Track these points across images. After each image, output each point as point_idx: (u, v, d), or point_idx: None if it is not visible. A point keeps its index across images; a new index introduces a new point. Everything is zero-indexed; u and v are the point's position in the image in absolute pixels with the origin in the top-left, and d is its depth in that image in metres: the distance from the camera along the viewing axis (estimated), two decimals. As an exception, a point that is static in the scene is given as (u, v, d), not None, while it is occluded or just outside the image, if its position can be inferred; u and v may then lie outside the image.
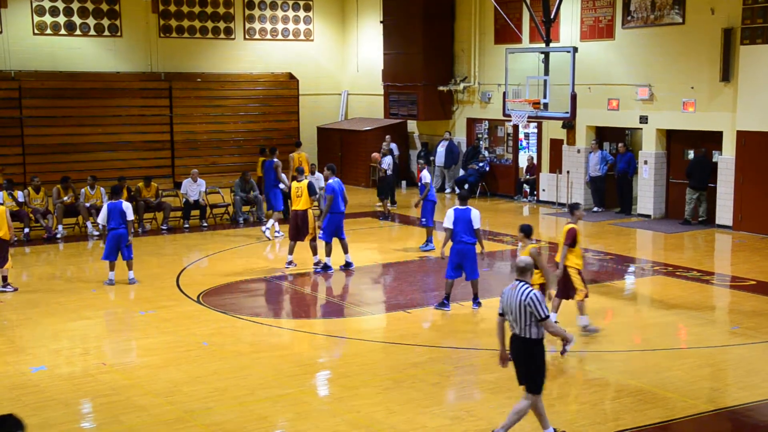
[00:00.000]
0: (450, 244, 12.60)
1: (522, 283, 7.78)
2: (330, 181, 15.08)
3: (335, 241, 15.11)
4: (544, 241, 18.24)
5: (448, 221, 12.50)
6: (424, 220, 16.88)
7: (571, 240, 11.07)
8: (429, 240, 16.85)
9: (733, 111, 18.52)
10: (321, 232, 15.04)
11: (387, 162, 21.41)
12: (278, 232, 18.53)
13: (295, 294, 14.17)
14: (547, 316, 7.72)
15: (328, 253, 15.04)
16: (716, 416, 8.76)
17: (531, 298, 7.67)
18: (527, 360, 7.81)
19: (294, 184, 15.26)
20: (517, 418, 7.86)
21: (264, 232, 18.38)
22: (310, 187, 15.10)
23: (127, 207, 14.36)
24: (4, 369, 10.16)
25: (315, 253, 15.22)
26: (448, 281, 12.65)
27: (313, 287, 14.59)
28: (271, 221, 18.58)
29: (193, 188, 19.92)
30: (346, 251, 15.20)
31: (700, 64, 19.07)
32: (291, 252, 15.30)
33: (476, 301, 12.74)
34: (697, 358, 10.51)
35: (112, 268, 14.33)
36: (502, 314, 7.91)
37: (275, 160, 19.27)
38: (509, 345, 7.91)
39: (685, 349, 11.01)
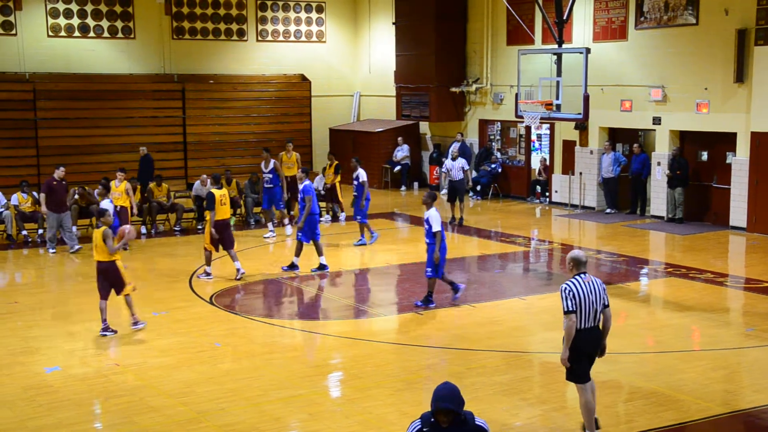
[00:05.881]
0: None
1: (587, 275, 7.94)
2: (306, 183, 15.24)
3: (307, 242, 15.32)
4: (556, 242, 18.21)
5: (438, 224, 12.51)
6: (359, 217, 17.42)
7: None
8: (362, 235, 17.50)
9: (747, 112, 18.42)
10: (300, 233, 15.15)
11: (455, 166, 20.04)
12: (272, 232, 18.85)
13: (307, 295, 14.19)
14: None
15: (298, 253, 15.19)
16: (731, 419, 8.71)
17: (604, 286, 8.00)
18: (597, 348, 7.97)
19: (218, 191, 14.49)
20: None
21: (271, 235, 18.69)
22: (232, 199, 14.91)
23: (104, 204, 15.06)
24: (18, 369, 10.22)
25: (209, 263, 14.74)
26: (437, 280, 12.85)
27: (325, 289, 14.60)
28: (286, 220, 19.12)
29: (203, 192, 19.91)
30: (320, 253, 15.29)
31: (713, 65, 18.98)
32: (209, 263, 14.70)
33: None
34: (711, 360, 10.45)
35: None
36: (574, 311, 7.78)
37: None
38: (578, 341, 7.80)
39: (699, 351, 10.96)
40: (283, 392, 9.41)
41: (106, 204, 14.79)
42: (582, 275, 7.91)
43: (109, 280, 11.63)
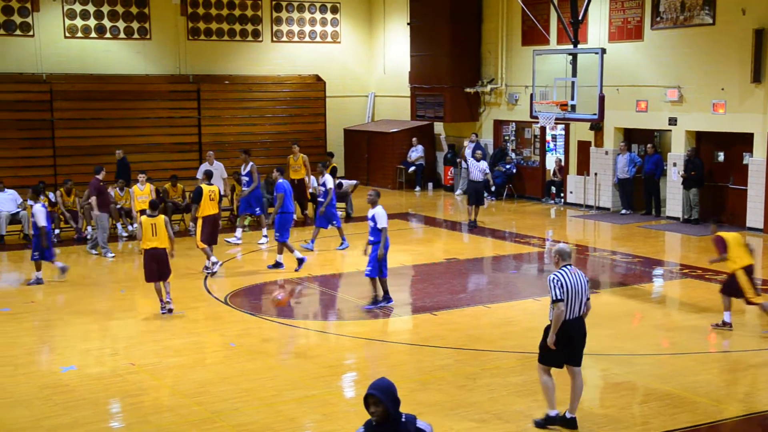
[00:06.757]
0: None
1: (572, 267, 8.24)
2: (280, 181, 15.47)
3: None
4: (571, 243, 18.15)
5: (384, 221, 12.60)
6: (334, 222, 17.31)
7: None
8: (343, 239, 17.36)
9: (764, 113, 18.31)
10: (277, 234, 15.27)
11: (478, 166, 19.50)
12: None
13: (322, 296, 14.21)
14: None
15: (287, 251, 15.41)
16: (746, 421, 8.67)
17: (587, 279, 8.36)
18: (584, 337, 8.32)
19: (207, 187, 15.06)
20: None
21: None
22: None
23: (37, 211, 14.45)
24: (35, 368, 10.29)
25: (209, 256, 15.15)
26: (384, 279, 12.91)
27: (339, 289, 14.62)
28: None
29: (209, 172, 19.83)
30: (280, 252, 15.49)
31: (730, 65, 18.87)
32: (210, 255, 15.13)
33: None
34: (727, 362, 10.40)
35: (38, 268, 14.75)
36: (563, 300, 8.08)
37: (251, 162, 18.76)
38: (567, 330, 8.13)
39: (715, 353, 10.90)
40: (297, 392, 9.43)
41: (38, 208, 14.64)
42: (568, 267, 8.23)
43: (162, 265, 12.41)
